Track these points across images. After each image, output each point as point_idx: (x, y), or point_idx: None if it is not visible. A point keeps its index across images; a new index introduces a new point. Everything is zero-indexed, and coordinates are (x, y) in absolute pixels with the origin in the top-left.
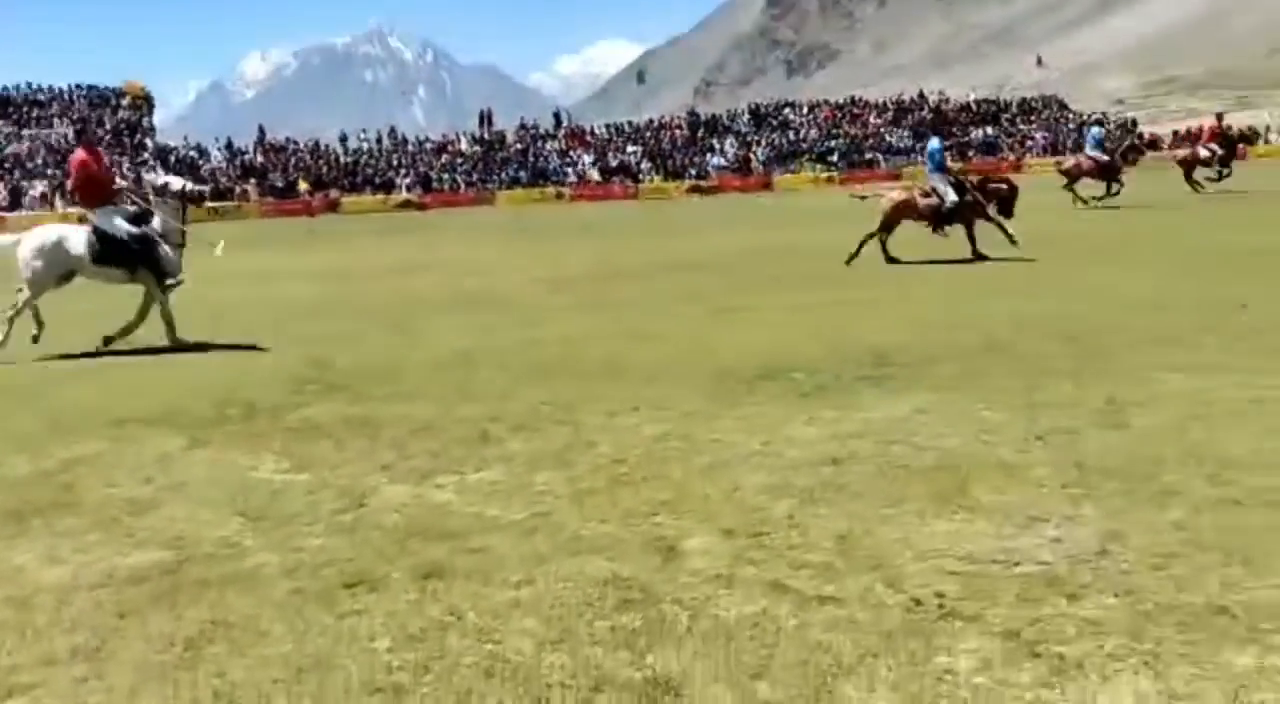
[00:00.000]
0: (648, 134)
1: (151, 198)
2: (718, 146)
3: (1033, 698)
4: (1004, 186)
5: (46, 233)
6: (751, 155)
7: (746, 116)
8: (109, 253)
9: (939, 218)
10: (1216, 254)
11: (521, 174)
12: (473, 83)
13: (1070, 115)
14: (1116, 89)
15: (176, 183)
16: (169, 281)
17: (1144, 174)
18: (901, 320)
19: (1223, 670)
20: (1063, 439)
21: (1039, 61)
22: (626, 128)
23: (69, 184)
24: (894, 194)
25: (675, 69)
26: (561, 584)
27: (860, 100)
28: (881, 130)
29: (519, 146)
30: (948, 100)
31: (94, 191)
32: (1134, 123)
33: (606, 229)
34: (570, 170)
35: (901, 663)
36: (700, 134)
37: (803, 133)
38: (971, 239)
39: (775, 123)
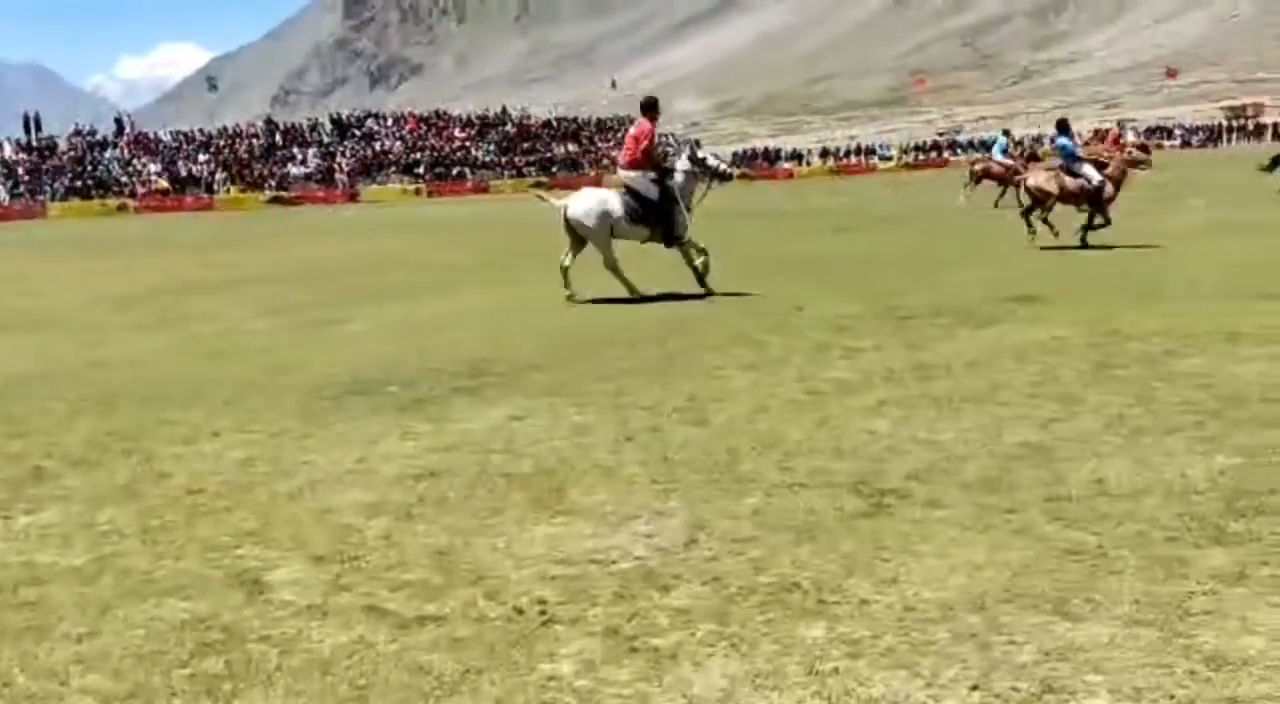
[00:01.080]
0: (222, 142)
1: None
2: (299, 156)
3: (632, 694)
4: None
5: (594, 195)
6: (335, 166)
7: (329, 126)
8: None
9: (1089, 198)
10: (769, 263)
11: (78, 184)
12: (17, 83)
13: None
14: (692, 111)
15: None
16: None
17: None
18: (494, 329)
19: (799, 644)
20: (650, 437)
21: (613, 84)
22: (198, 135)
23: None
24: (1038, 175)
25: (251, 76)
26: (132, 632)
27: (445, 114)
28: (467, 144)
29: (73, 154)
30: (530, 117)
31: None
32: (698, 143)
33: (179, 242)
34: (135, 180)
35: (505, 675)
36: (279, 143)
37: (388, 145)
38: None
39: (359, 134)
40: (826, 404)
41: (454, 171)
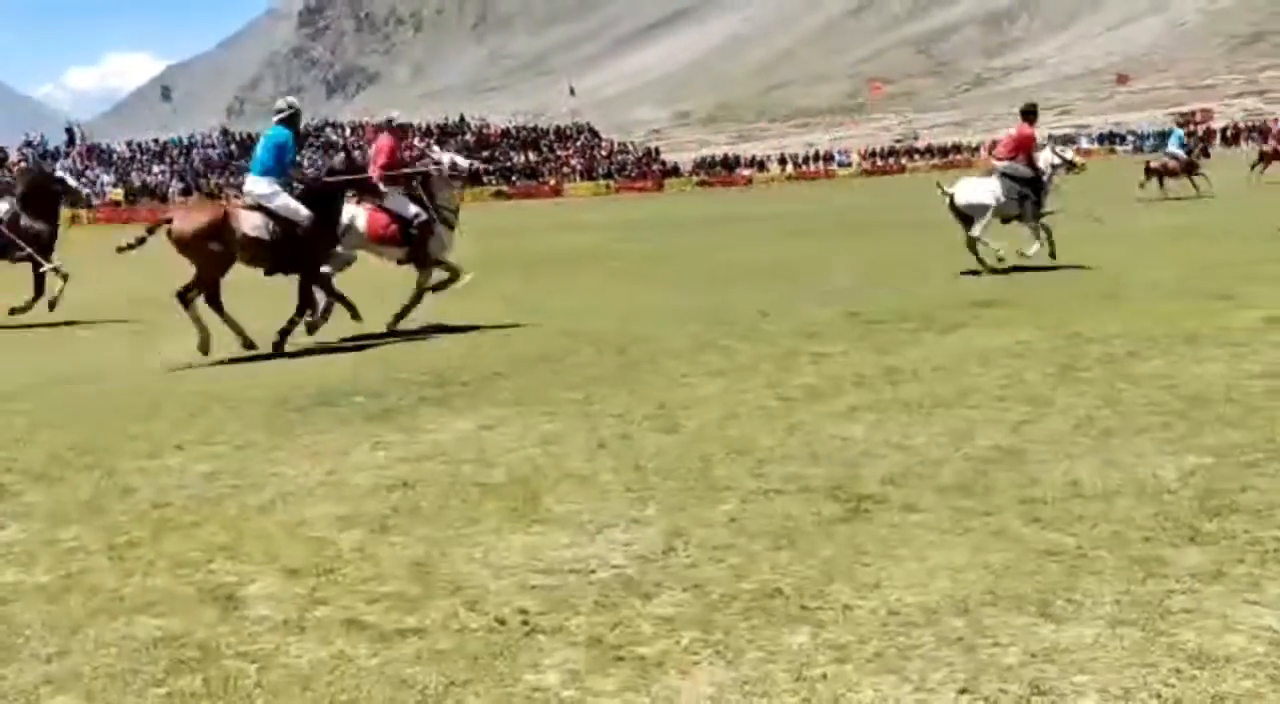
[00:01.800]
0: (177, 152)
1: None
2: None
3: (620, 703)
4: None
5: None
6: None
7: None
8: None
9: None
10: (732, 269)
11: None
12: None
13: (602, 142)
14: (653, 119)
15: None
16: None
17: (660, 199)
18: (458, 338)
19: (785, 650)
20: (622, 445)
21: (571, 91)
22: (153, 146)
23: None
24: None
25: (205, 85)
26: (103, 652)
27: (403, 122)
28: (426, 153)
29: (23, 165)
30: (489, 126)
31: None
32: (657, 151)
33: (133, 254)
34: (88, 191)
35: (490, 687)
36: (235, 152)
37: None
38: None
39: (318, 142)
40: (797, 410)
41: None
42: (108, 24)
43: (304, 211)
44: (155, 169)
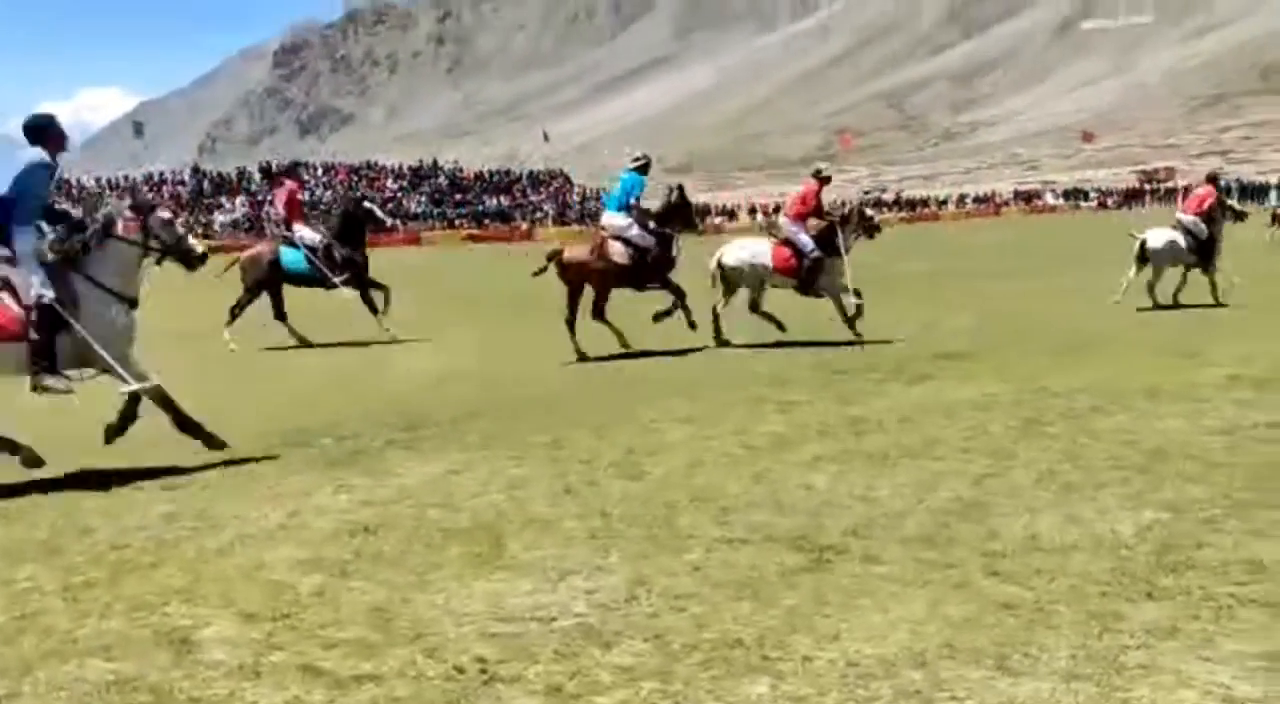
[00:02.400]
0: (147, 190)
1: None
2: (227, 205)
3: None
4: None
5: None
6: (264, 215)
7: (258, 175)
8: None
9: None
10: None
11: None
12: None
13: (575, 188)
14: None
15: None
16: None
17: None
18: (429, 380)
19: (743, 701)
20: (588, 491)
21: (545, 137)
22: (122, 182)
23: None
24: None
25: (177, 123)
26: (55, 694)
27: (376, 164)
28: (399, 195)
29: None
30: (462, 169)
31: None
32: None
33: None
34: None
35: None
36: (206, 191)
37: (318, 194)
38: None
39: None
40: (763, 459)
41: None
42: (81, 59)
43: (651, 239)
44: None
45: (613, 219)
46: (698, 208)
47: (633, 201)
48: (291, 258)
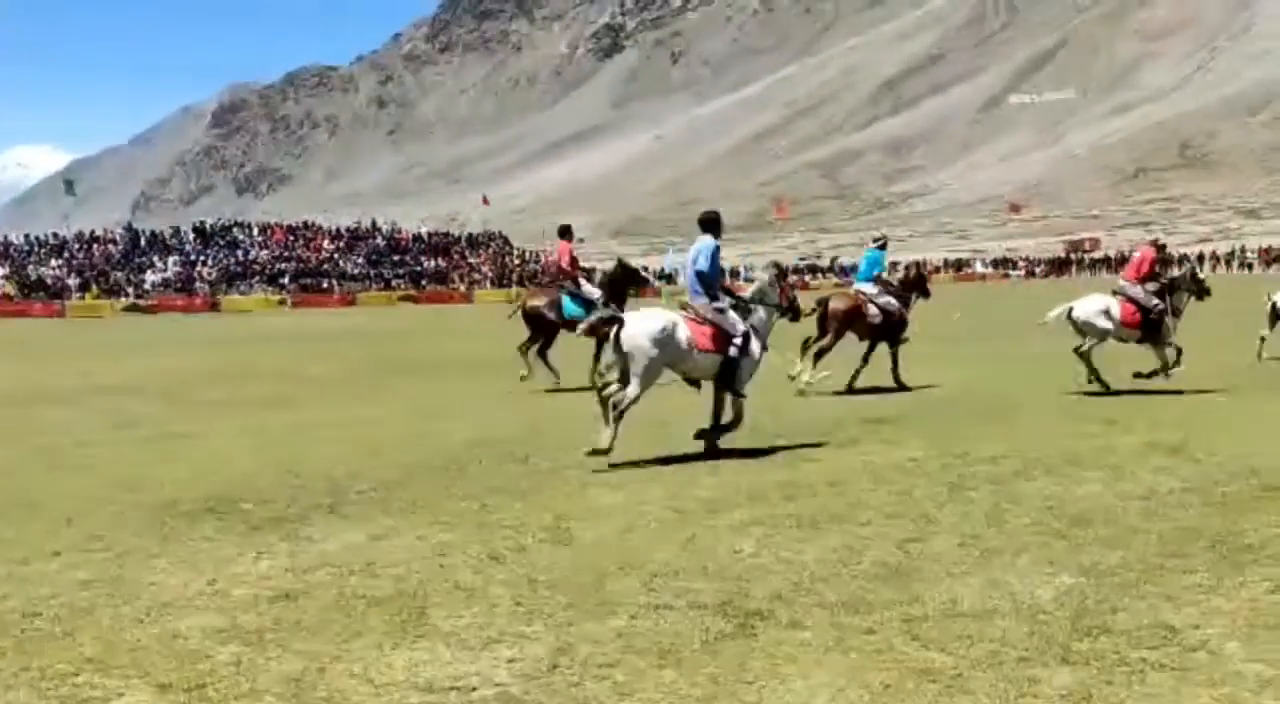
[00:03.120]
0: (77, 248)
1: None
2: (159, 264)
3: None
4: None
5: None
6: (197, 274)
7: (192, 234)
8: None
9: None
10: None
11: None
12: None
13: (515, 250)
14: (584, 226)
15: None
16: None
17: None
18: (357, 444)
19: None
20: (515, 557)
21: (485, 200)
22: (52, 239)
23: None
24: None
25: (112, 181)
26: None
27: (313, 225)
28: (335, 255)
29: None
30: (400, 230)
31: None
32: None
33: (26, 349)
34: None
35: None
36: (140, 249)
37: (253, 254)
38: None
39: (223, 242)
40: (693, 523)
41: (321, 283)
42: (13, 115)
43: (895, 303)
44: (53, 263)
45: (864, 287)
46: (637, 270)
47: (877, 274)
48: (573, 309)
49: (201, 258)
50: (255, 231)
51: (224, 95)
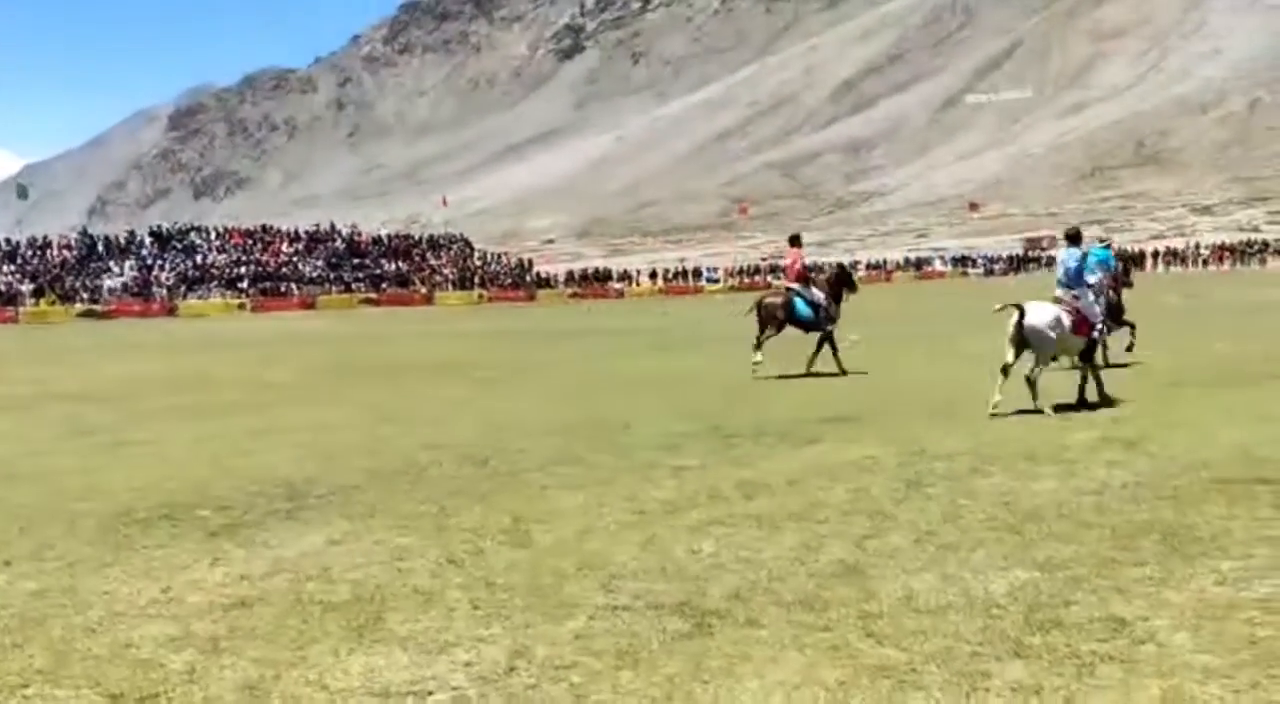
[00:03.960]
0: (30, 253)
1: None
2: (115, 269)
3: None
4: None
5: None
6: (154, 279)
7: (149, 238)
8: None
9: None
10: (598, 381)
11: None
12: None
13: (475, 252)
14: (526, 231)
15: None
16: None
17: (532, 310)
18: (316, 449)
19: None
20: (473, 560)
21: (444, 202)
22: (4, 245)
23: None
24: None
25: (66, 185)
26: None
27: (272, 228)
28: (294, 259)
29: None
30: (359, 233)
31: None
32: (530, 262)
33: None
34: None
35: None
36: (95, 254)
37: (211, 258)
38: None
39: (181, 246)
40: (653, 524)
41: (280, 287)
42: None
43: (1097, 310)
44: (5, 269)
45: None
46: (599, 272)
47: (1101, 275)
48: (803, 309)
49: (159, 262)
50: (213, 235)
51: (181, 98)
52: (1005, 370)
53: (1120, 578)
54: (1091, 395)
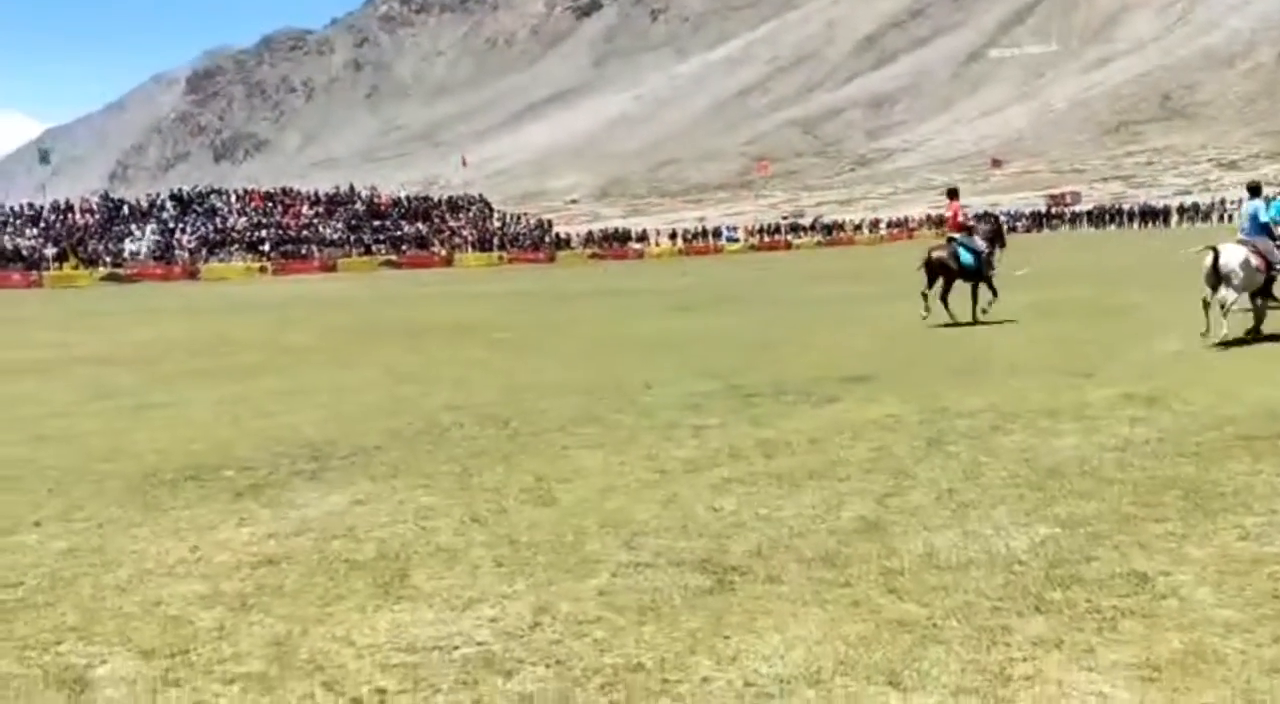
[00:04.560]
0: (53, 217)
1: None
2: (137, 232)
3: None
4: None
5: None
6: (175, 242)
7: (170, 202)
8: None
9: None
10: (618, 341)
11: None
12: None
13: (495, 214)
14: (544, 191)
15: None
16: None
17: (552, 271)
18: (338, 410)
19: None
20: (497, 518)
21: (463, 162)
22: (27, 210)
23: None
24: None
25: (86, 149)
26: None
27: (292, 191)
28: (315, 221)
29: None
30: (379, 195)
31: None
32: (549, 223)
33: (3, 320)
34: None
35: None
36: (117, 218)
37: (231, 221)
38: None
39: (201, 209)
40: (674, 482)
41: (301, 249)
42: None
43: (1277, 253)
44: (29, 233)
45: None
46: (619, 233)
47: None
48: (966, 258)
49: (180, 226)
50: (234, 198)
51: (199, 61)
52: (1206, 304)
53: (1142, 534)
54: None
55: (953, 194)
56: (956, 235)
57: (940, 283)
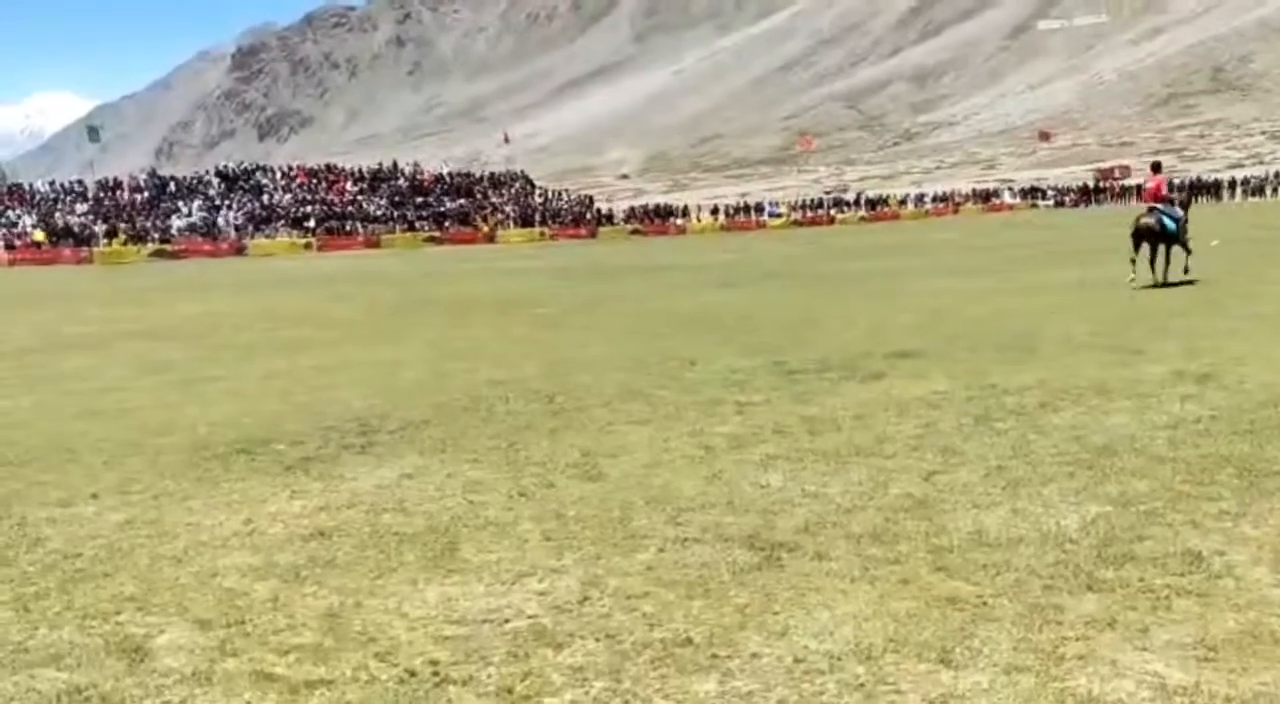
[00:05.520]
0: (102, 194)
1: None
2: (184, 209)
3: None
4: None
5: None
6: (222, 219)
7: (215, 179)
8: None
9: None
10: (661, 318)
11: None
12: None
13: (536, 190)
14: (586, 167)
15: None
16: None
17: (594, 246)
18: (385, 384)
19: (692, 699)
20: (544, 493)
21: (505, 138)
22: (77, 187)
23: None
24: None
25: (133, 127)
26: None
27: (336, 167)
28: (359, 198)
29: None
30: (422, 171)
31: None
32: (590, 199)
33: (55, 296)
34: (8, 232)
35: None
36: (164, 195)
37: (277, 197)
38: None
39: (247, 186)
40: (719, 459)
41: (345, 225)
42: (33, 63)
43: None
44: (79, 209)
45: None
46: (660, 209)
47: None
48: (1170, 225)
49: (226, 202)
50: (279, 175)
51: (243, 38)
52: None
53: (1195, 512)
54: None
55: (1156, 167)
56: (1159, 205)
57: (1146, 247)
